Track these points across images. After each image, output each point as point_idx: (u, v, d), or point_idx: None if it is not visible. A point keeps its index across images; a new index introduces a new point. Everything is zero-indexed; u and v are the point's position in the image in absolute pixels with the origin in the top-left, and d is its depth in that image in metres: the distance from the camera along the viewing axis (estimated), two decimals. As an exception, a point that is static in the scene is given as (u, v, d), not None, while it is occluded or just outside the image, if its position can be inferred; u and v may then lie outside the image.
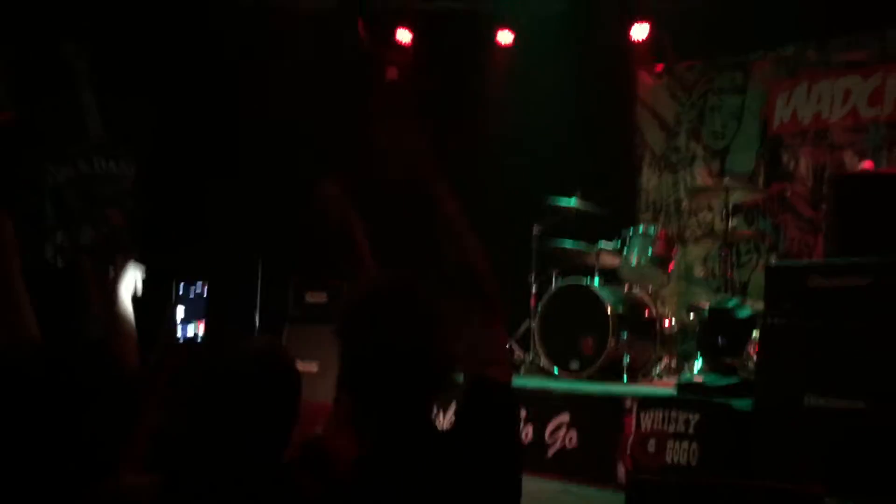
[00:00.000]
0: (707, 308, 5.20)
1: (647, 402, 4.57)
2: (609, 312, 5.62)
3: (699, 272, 7.28)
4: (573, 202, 6.17)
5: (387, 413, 1.71)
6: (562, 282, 6.02)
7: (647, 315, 5.94)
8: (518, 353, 6.28)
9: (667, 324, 6.02)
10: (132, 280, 2.33)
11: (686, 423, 4.37)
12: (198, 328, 2.14)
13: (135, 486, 1.78)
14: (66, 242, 5.96)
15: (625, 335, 5.61)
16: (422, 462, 1.70)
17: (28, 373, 1.92)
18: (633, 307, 5.90)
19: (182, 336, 2.13)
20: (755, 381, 4.29)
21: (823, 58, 6.78)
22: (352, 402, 1.79)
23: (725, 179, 6.14)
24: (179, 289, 2.14)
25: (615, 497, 4.31)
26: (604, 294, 5.73)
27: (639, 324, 5.82)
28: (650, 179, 7.68)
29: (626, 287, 6.14)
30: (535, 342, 6.01)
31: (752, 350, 5.04)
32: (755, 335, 4.93)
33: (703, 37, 7.09)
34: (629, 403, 4.66)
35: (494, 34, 7.28)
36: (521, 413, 4.95)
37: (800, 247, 6.77)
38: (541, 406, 4.98)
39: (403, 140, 1.95)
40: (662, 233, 6.20)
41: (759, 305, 4.72)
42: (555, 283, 6.07)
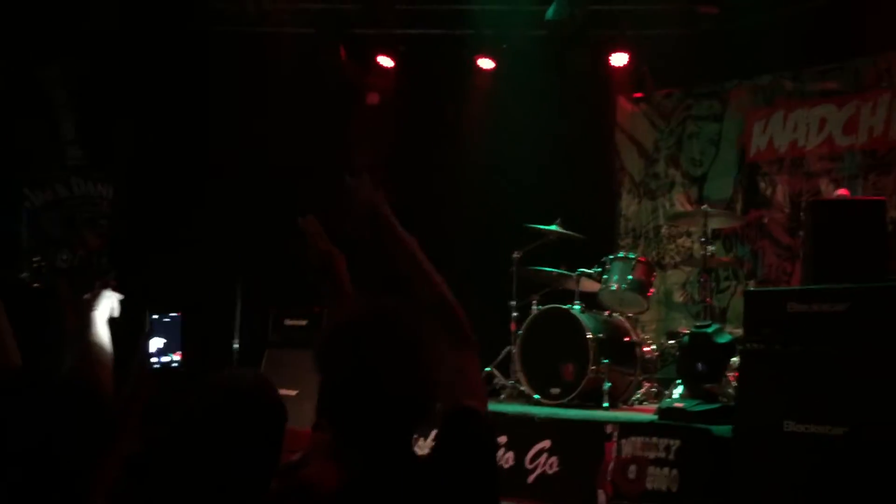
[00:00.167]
0: (687, 334, 5.21)
1: (628, 428, 4.56)
2: (589, 338, 5.62)
3: (678, 298, 7.31)
4: (553, 228, 6.19)
5: (368, 442, 1.69)
6: (542, 308, 6.02)
7: (628, 340, 5.94)
8: (498, 379, 6.25)
9: (647, 349, 6.02)
10: (108, 305, 2.29)
11: (667, 449, 4.36)
12: (173, 357, 2.11)
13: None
14: (44, 265, 5.90)
15: (605, 361, 5.60)
16: (403, 491, 1.68)
17: (6, 401, 1.89)
18: (614, 333, 5.90)
19: (158, 363, 2.09)
20: (735, 407, 4.30)
21: (799, 87, 6.88)
22: (332, 430, 1.76)
23: (704, 206, 6.19)
24: (154, 316, 2.11)
25: (596, 524, 4.29)
26: (584, 320, 5.73)
27: (619, 349, 5.82)
28: (629, 205, 7.73)
29: (607, 313, 6.15)
30: (516, 368, 5.98)
31: (732, 376, 5.05)
32: (735, 361, 4.95)
33: (681, 65, 7.18)
34: (610, 429, 4.64)
35: (475, 60, 7.32)
36: (502, 439, 4.92)
37: (777, 273, 6.82)
38: (521, 432, 4.96)
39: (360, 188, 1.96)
40: (642, 259, 6.23)
41: (739, 331, 4.74)
42: (535, 309, 6.06)
